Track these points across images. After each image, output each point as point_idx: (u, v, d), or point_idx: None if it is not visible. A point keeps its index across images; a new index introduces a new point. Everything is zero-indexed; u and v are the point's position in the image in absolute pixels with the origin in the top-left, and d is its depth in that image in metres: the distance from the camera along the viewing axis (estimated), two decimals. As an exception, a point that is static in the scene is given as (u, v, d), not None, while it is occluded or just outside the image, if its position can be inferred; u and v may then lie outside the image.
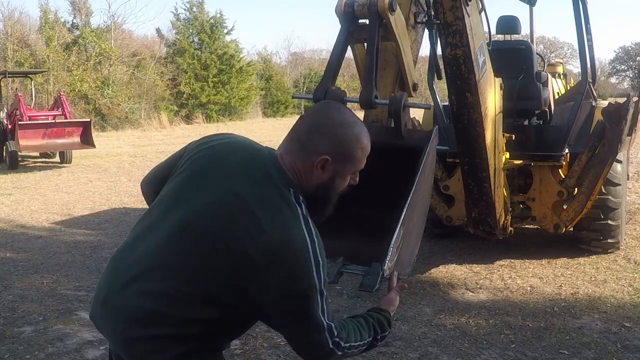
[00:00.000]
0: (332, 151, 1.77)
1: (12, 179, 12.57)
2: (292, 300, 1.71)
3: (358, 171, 1.88)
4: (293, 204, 1.75)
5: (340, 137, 1.79)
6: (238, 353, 4.08)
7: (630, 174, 8.64)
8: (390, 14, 2.73)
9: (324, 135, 1.78)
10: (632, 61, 62.43)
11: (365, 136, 1.84)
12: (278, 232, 1.68)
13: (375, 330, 1.98)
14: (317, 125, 1.81)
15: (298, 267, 1.68)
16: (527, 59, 5.83)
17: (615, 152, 5.17)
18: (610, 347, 4.08)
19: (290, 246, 1.68)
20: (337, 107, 1.89)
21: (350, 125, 1.81)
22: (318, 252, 1.71)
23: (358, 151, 1.81)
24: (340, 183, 1.86)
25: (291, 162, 1.81)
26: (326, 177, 1.81)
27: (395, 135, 2.64)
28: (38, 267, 6.11)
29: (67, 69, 26.89)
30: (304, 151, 1.79)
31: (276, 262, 1.66)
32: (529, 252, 6.27)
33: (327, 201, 1.88)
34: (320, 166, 1.78)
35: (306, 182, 1.82)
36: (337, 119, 1.82)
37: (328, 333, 1.75)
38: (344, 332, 1.83)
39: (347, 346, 1.82)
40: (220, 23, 33.81)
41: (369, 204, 2.78)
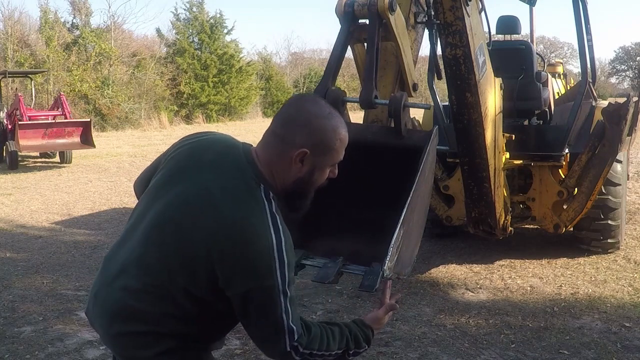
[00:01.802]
0: (310, 143, 1.74)
1: (12, 179, 12.57)
2: (253, 297, 1.68)
3: (337, 163, 1.85)
4: (261, 199, 1.73)
5: (318, 128, 1.75)
6: (238, 353, 4.08)
7: (630, 174, 8.63)
8: (390, 14, 2.73)
9: (302, 128, 1.75)
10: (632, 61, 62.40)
11: (343, 127, 1.81)
12: (241, 227, 1.67)
13: (348, 345, 1.87)
14: (293, 118, 1.78)
15: (260, 264, 1.66)
16: (527, 59, 5.83)
17: (615, 152, 5.17)
18: (610, 347, 4.09)
19: (253, 242, 1.66)
20: (312, 99, 1.86)
21: (327, 117, 1.78)
22: (284, 251, 1.68)
23: (337, 142, 1.79)
24: (320, 176, 1.82)
25: (266, 157, 1.79)
26: (305, 170, 1.78)
27: (395, 135, 2.63)
28: (38, 267, 6.11)
29: (67, 69, 26.87)
30: (281, 144, 1.76)
31: (239, 256, 1.65)
32: (529, 252, 6.27)
33: (305, 196, 1.86)
34: (299, 159, 1.75)
35: (283, 177, 1.79)
36: (313, 111, 1.78)
37: (288, 335, 1.72)
38: (306, 337, 1.76)
39: (307, 352, 1.76)
40: (220, 23, 33.78)
41: (369, 204, 2.78)
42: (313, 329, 1.81)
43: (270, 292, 1.67)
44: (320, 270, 2.23)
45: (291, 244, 1.74)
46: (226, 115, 32.74)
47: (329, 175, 1.86)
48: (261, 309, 1.70)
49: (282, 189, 1.80)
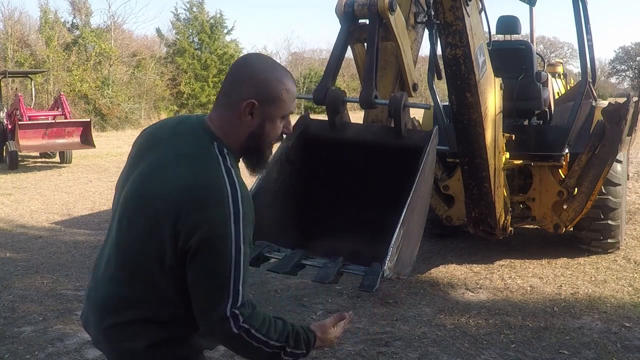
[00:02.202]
0: (257, 94, 1.76)
1: (12, 179, 12.57)
2: (205, 248, 1.65)
3: (288, 116, 1.85)
4: (215, 155, 1.74)
5: (264, 80, 1.77)
6: (238, 353, 4.08)
7: (630, 174, 8.64)
8: (390, 14, 2.73)
9: (248, 81, 1.77)
10: (632, 61, 62.39)
11: (288, 79, 1.82)
12: (196, 181, 1.69)
13: (288, 340, 1.76)
14: (239, 74, 1.80)
15: (213, 214, 1.65)
16: (527, 59, 5.83)
17: (615, 152, 5.17)
18: (610, 347, 4.08)
19: (208, 193, 1.67)
20: (256, 55, 1.89)
21: (272, 69, 1.81)
22: (240, 202, 1.67)
23: (283, 92, 1.79)
24: (272, 129, 1.82)
25: (218, 118, 1.81)
26: (256, 123, 1.79)
27: (395, 135, 2.64)
28: (38, 267, 6.11)
29: (67, 69, 26.88)
30: (230, 100, 1.79)
31: (194, 208, 1.66)
32: (529, 252, 6.27)
33: (260, 151, 1.86)
34: (248, 111, 1.76)
35: (237, 134, 1.80)
36: (258, 65, 1.81)
37: (232, 297, 1.64)
38: (250, 310, 1.69)
39: (246, 327, 1.67)
40: (220, 23, 33.82)
41: (369, 204, 2.78)
42: (258, 308, 1.74)
43: (222, 243, 1.64)
44: (320, 270, 2.22)
45: (248, 199, 1.72)
46: (226, 115, 32.75)
47: (283, 130, 1.86)
48: (211, 261, 1.65)
49: (239, 147, 1.81)
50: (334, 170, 2.84)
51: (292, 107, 1.83)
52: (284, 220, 2.70)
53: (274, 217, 2.64)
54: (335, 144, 2.78)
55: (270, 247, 2.36)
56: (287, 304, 4.98)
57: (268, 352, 1.73)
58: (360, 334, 4.35)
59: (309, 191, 2.84)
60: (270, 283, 5.44)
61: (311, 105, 18.45)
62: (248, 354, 1.76)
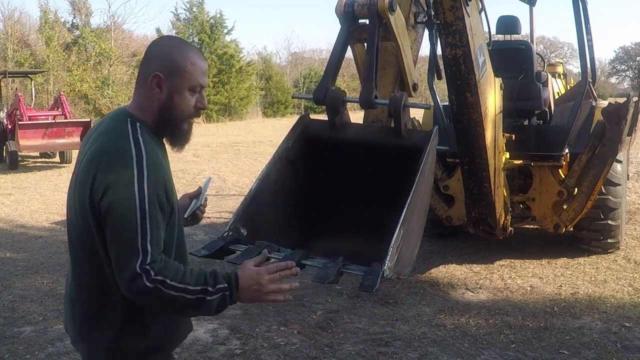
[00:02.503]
0: (162, 67, 1.86)
1: (12, 179, 12.57)
2: (113, 210, 1.73)
3: (198, 89, 1.91)
4: (126, 127, 1.84)
5: (168, 54, 1.89)
6: (238, 353, 4.08)
7: (630, 174, 8.63)
8: (390, 14, 2.73)
9: (155, 57, 1.91)
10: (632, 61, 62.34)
11: (195, 53, 1.92)
12: (104, 146, 1.82)
13: (207, 281, 1.75)
14: (149, 53, 1.94)
15: (119, 176, 1.74)
16: (527, 59, 5.83)
17: (615, 152, 5.17)
18: (610, 347, 4.08)
19: (115, 158, 1.77)
20: (168, 36, 2.04)
21: (177, 45, 1.93)
22: (144, 166, 1.75)
23: (188, 65, 1.87)
24: (181, 101, 1.89)
25: (135, 96, 1.95)
26: (164, 95, 1.87)
27: (395, 135, 2.63)
28: (38, 267, 6.11)
29: (67, 69, 26.88)
30: (141, 77, 1.91)
31: (104, 173, 1.76)
32: (529, 252, 6.27)
33: (175, 123, 1.91)
34: (155, 84, 1.86)
35: (150, 109, 1.90)
36: (165, 43, 1.96)
37: (141, 255, 1.69)
38: (161, 263, 1.72)
39: (161, 279, 1.69)
40: (220, 23, 33.80)
41: (369, 204, 2.78)
42: (171, 261, 1.78)
43: (128, 204, 1.71)
44: (320, 270, 2.22)
45: (155, 164, 1.79)
46: (226, 115, 32.75)
47: (197, 104, 1.92)
48: (117, 222, 1.72)
49: (154, 121, 1.90)
50: (334, 170, 2.84)
51: (200, 80, 1.90)
52: (284, 220, 2.70)
53: (274, 217, 2.64)
54: (335, 144, 2.78)
55: (270, 247, 2.36)
56: (287, 304, 4.98)
57: (191, 298, 1.73)
58: (360, 334, 4.35)
59: (309, 191, 2.84)
60: (270, 283, 5.44)
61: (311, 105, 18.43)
62: (172, 307, 1.77)
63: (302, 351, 4.09)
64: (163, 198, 1.78)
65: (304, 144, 2.79)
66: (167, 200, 1.81)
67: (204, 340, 4.29)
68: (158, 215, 1.75)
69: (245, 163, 14.12)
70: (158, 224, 1.75)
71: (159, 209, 1.76)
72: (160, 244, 1.76)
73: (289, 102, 37.06)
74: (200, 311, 1.79)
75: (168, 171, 1.89)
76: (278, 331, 4.43)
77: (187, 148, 2.08)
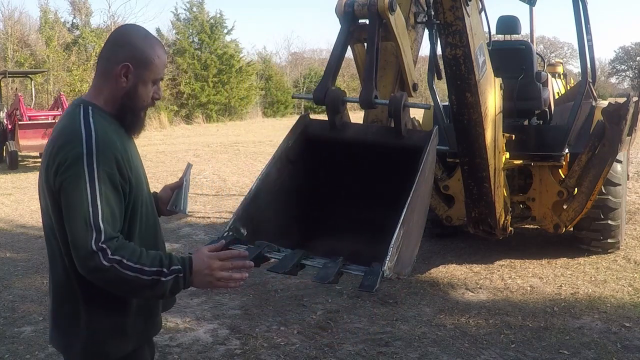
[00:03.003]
0: (131, 58, 1.93)
1: (12, 179, 12.57)
2: (65, 188, 1.79)
3: (159, 81, 2.02)
4: (78, 111, 1.91)
5: (138, 45, 1.95)
6: (238, 353, 4.08)
7: (630, 174, 8.63)
8: (390, 14, 2.73)
9: (124, 46, 1.95)
10: (632, 61, 62.33)
11: (160, 47, 2.01)
12: (58, 131, 1.91)
13: (162, 263, 1.81)
14: (116, 41, 1.99)
15: (69, 154, 1.80)
16: (527, 59, 5.83)
17: (615, 152, 5.16)
18: (610, 347, 4.08)
19: (64, 135, 1.86)
20: (131, 25, 2.07)
21: (145, 37, 1.99)
22: (93, 144, 1.80)
23: (155, 58, 1.97)
24: (144, 91, 1.98)
25: (93, 83, 2.00)
26: (130, 84, 1.94)
27: (395, 135, 2.63)
28: (38, 267, 6.11)
29: (67, 69, 26.87)
30: (107, 64, 1.95)
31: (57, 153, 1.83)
32: (529, 252, 6.27)
33: (135, 112, 2.00)
34: (123, 73, 1.92)
35: (112, 95, 1.96)
36: (133, 34, 2.00)
37: (95, 233, 1.73)
38: (117, 242, 1.76)
39: (117, 259, 1.73)
40: (220, 23, 33.77)
41: (369, 204, 2.78)
42: (128, 242, 1.82)
43: (78, 181, 1.76)
44: (320, 270, 2.22)
45: (105, 142, 1.83)
46: (226, 115, 32.74)
47: (154, 95, 2.02)
48: (70, 200, 1.78)
49: (113, 107, 1.96)
50: (333, 170, 2.84)
51: (162, 73, 2.02)
52: (284, 220, 2.70)
53: (274, 217, 2.64)
54: (335, 144, 2.78)
55: (270, 247, 2.36)
56: (287, 304, 4.98)
57: (146, 279, 1.78)
58: (360, 334, 4.35)
59: (308, 191, 2.84)
60: (270, 283, 5.45)
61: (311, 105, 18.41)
62: (127, 287, 1.81)
63: (302, 351, 4.09)
64: (115, 175, 1.81)
65: (304, 144, 2.79)
66: (122, 177, 1.84)
67: (204, 340, 4.29)
68: (109, 192, 1.79)
69: (245, 163, 14.12)
70: (110, 201, 1.78)
71: (110, 185, 1.79)
72: (116, 222, 1.80)
73: (289, 102, 37.05)
74: (154, 292, 1.83)
75: (126, 151, 1.92)
76: (278, 331, 4.43)
77: (188, 148, 2.09)
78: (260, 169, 2.94)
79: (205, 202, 9.54)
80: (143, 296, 1.90)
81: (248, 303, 5.02)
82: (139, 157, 2.09)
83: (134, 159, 1.98)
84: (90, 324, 1.92)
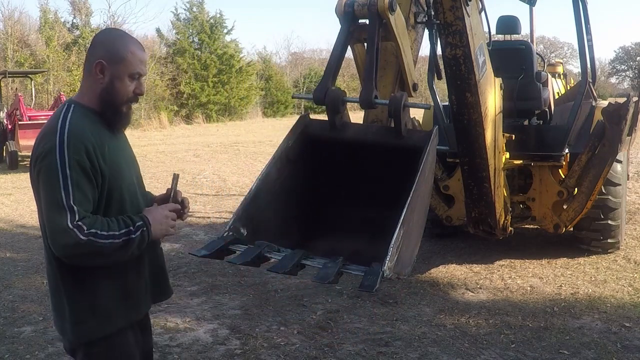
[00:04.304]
0: (105, 55, 2.09)
1: (12, 179, 12.57)
2: (41, 175, 1.99)
3: (137, 77, 2.14)
4: (61, 109, 2.10)
5: (111, 43, 2.12)
6: (238, 353, 4.08)
7: (630, 174, 8.63)
8: (390, 14, 2.73)
9: (100, 45, 2.14)
10: (632, 61, 62.31)
11: (134, 44, 2.14)
12: (45, 124, 2.11)
13: (127, 224, 2.05)
14: (94, 42, 2.18)
15: (45, 145, 1.99)
16: (527, 59, 5.83)
17: (615, 152, 5.16)
18: (610, 347, 4.08)
19: (44, 130, 2.06)
20: (113, 29, 2.26)
21: (120, 37, 2.17)
22: (65, 135, 1.98)
23: (128, 54, 2.11)
24: (121, 87, 2.11)
25: (81, 85, 2.18)
26: (107, 80, 2.10)
27: (395, 135, 2.63)
28: (38, 267, 6.11)
29: (67, 69, 26.87)
30: (87, 63, 2.13)
31: (36, 143, 2.06)
32: (529, 252, 6.27)
33: (115, 107, 2.13)
34: (99, 70, 2.09)
35: (92, 91, 2.12)
36: (109, 34, 2.21)
37: (69, 214, 1.92)
38: (89, 219, 1.96)
39: (93, 232, 1.94)
40: (220, 23, 33.77)
41: (369, 204, 2.78)
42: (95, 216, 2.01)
43: (50, 169, 1.96)
44: (320, 270, 2.22)
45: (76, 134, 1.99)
46: (226, 115, 32.73)
47: (135, 90, 2.15)
48: (46, 185, 1.97)
49: (96, 104, 2.12)
50: (333, 170, 2.84)
51: (139, 68, 2.13)
52: (284, 221, 2.70)
53: (274, 217, 2.64)
54: (335, 144, 2.78)
55: (270, 247, 2.36)
56: (287, 304, 4.98)
57: (119, 242, 2.01)
58: (360, 334, 4.35)
59: (308, 191, 2.84)
60: (270, 283, 5.45)
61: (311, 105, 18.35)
62: (103, 255, 2.00)
63: (302, 351, 4.09)
64: (85, 163, 1.98)
65: (304, 144, 2.79)
66: (92, 166, 2.00)
67: (204, 340, 4.29)
68: (80, 178, 1.96)
69: (245, 163, 14.11)
70: (80, 186, 1.96)
71: (81, 172, 1.97)
72: (88, 204, 1.99)
73: (289, 102, 37.05)
74: (126, 251, 2.04)
75: (102, 144, 2.05)
76: (278, 331, 4.43)
77: (188, 148, 2.12)
78: (260, 169, 2.94)
79: (205, 202, 9.54)
80: (115, 258, 2.04)
81: (248, 303, 5.02)
82: (127, 151, 2.24)
83: (113, 152, 2.10)
84: (71, 308, 2.09)
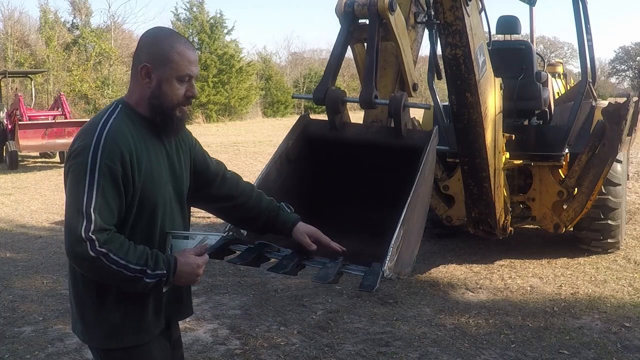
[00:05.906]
0: (150, 58, 1.95)
1: (12, 179, 12.57)
2: (70, 173, 1.86)
3: (187, 79, 1.98)
4: (108, 107, 2.00)
5: (156, 45, 1.97)
6: (238, 353, 4.08)
7: (630, 174, 8.64)
8: (390, 14, 2.73)
9: (144, 47, 1.99)
10: (632, 61, 62.32)
11: (182, 44, 1.98)
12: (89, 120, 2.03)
13: (147, 263, 1.85)
14: (139, 43, 2.03)
15: (81, 142, 1.87)
16: (527, 59, 5.83)
17: (615, 152, 5.16)
18: (610, 347, 4.08)
19: (86, 125, 1.96)
20: (159, 27, 2.07)
21: (166, 36, 1.99)
22: (103, 137, 1.85)
23: (174, 55, 1.94)
24: (169, 90, 1.96)
25: (130, 88, 2.04)
26: (154, 84, 1.95)
27: (395, 135, 2.63)
28: (38, 267, 6.11)
29: (67, 69, 26.90)
30: (133, 66, 2.01)
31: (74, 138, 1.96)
32: (529, 252, 6.27)
33: (166, 112, 1.98)
34: (145, 74, 1.95)
35: (142, 96, 1.98)
36: (154, 35, 2.02)
37: (86, 221, 1.77)
38: (106, 235, 1.80)
39: (104, 252, 1.77)
40: (220, 23, 33.80)
41: (369, 204, 2.78)
42: (118, 235, 1.85)
43: (79, 169, 1.82)
44: (320, 270, 2.22)
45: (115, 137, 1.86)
46: (226, 115, 32.75)
47: (186, 93, 1.99)
48: (71, 184, 1.84)
49: (145, 108, 1.98)
50: (333, 170, 2.83)
51: (188, 69, 1.97)
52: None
53: (274, 217, 2.64)
54: (335, 144, 2.78)
55: (270, 247, 2.36)
56: (287, 304, 4.98)
57: (129, 275, 1.82)
58: (360, 334, 4.35)
59: (308, 191, 2.84)
60: (270, 283, 5.45)
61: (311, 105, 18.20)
62: (109, 278, 1.86)
63: (302, 351, 4.09)
64: (117, 170, 1.83)
65: (304, 144, 2.79)
66: (125, 174, 1.85)
67: (204, 340, 4.29)
68: (107, 185, 1.81)
69: (245, 163, 14.10)
70: (106, 193, 1.81)
71: (109, 179, 1.82)
72: (111, 215, 1.82)
73: (289, 102, 37.07)
74: (134, 288, 1.87)
75: (142, 151, 1.92)
76: (278, 331, 4.43)
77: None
78: (260, 169, 2.95)
79: (205, 202, 9.53)
80: (123, 288, 1.92)
81: (248, 303, 5.02)
82: (174, 163, 2.05)
83: (155, 162, 1.96)
84: (80, 311, 2.01)
